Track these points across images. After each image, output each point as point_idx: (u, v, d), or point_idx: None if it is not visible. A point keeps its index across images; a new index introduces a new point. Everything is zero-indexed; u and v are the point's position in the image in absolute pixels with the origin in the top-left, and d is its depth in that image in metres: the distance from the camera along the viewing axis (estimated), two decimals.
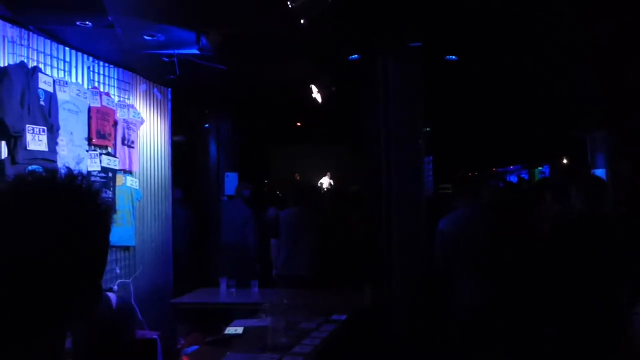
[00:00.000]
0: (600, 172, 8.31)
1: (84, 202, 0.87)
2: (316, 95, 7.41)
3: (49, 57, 4.01)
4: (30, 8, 3.55)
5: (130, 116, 4.96)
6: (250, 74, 5.91)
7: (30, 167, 3.36)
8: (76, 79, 4.34)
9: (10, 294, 0.80)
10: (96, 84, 4.57)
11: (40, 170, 0.89)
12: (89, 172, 4.30)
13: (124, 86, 5.00)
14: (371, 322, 4.61)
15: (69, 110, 4.10)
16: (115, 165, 4.67)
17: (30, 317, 0.82)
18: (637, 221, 3.39)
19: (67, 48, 4.22)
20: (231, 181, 8.38)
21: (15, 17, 3.60)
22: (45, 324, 0.84)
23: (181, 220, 6.44)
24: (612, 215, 3.36)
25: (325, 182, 13.26)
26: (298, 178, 13.11)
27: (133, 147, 4.97)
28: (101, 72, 4.67)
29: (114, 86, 4.84)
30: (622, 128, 7.57)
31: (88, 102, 4.35)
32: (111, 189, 4.60)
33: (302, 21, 3.92)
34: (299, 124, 12.76)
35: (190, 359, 3.46)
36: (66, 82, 4.10)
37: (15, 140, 3.49)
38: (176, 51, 4.46)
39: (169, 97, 5.84)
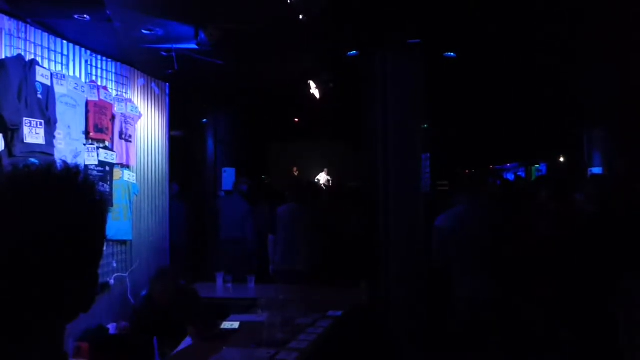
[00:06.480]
0: (597, 171, 8.34)
1: (80, 193, 0.87)
2: (315, 91, 7.41)
3: (46, 50, 4.00)
4: (28, 1, 3.53)
5: (128, 110, 4.94)
6: (248, 70, 5.90)
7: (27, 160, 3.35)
8: (74, 72, 4.32)
9: (7, 286, 0.80)
10: (94, 78, 4.56)
11: (37, 163, 0.89)
12: (86, 166, 4.29)
13: (122, 80, 4.98)
14: (368, 318, 4.62)
15: (66, 103, 4.09)
16: (112, 160, 4.66)
17: (27, 310, 0.82)
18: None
19: (64, 41, 4.21)
20: (229, 176, 8.37)
21: (13, 10, 3.59)
22: (42, 316, 0.83)
23: (178, 215, 6.43)
24: (625, 214, 3.37)
25: (323, 178, 13.21)
26: (297, 173, 13.08)
27: (130, 142, 4.96)
28: (99, 66, 4.66)
29: (111, 80, 4.83)
30: (620, 126, 7.59)
31: (86, 96, 4.34)
32: (108, 183, 4.59)
33: (301, 17, 3.92)
34: (297, 119, 12.75)
35: (186, 353, 3.47)
36: (64, 76, 4.09)
37: (12, 134, 3.48)
38: (174, 46, 4.45)
39: (167, 91, 5.84)
